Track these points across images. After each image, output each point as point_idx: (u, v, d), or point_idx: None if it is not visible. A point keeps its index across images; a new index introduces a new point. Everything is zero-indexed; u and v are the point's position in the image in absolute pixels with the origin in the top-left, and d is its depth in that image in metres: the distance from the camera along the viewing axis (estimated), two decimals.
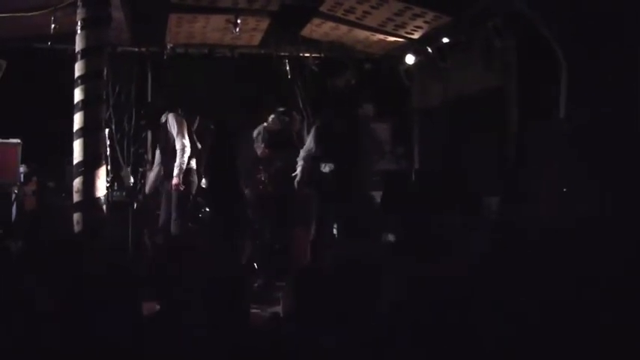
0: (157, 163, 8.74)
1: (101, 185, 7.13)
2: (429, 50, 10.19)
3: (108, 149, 7.67)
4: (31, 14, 8.48)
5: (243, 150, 9.42)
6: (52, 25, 8.58)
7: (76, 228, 6.99)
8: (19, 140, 9.04)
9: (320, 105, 10.12)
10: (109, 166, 7.70)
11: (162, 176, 8.57)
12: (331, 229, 8.30)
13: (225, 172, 9.40)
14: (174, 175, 8.23)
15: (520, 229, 6.42)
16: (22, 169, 9.22)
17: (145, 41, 10.52)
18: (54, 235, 6.96)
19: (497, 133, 9.09)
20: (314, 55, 10.95)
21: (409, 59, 10.81)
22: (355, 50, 11.06)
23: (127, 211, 8.71)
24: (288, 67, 10.92)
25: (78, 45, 7.12)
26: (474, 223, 7.83)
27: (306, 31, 10.26)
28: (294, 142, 8.83)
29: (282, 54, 10.93)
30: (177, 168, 8.23)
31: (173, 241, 7.79)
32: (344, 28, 10.04)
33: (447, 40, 9.79)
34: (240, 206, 9.12)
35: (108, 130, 7.78)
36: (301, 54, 10.93)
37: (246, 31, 9.95)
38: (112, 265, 5.57)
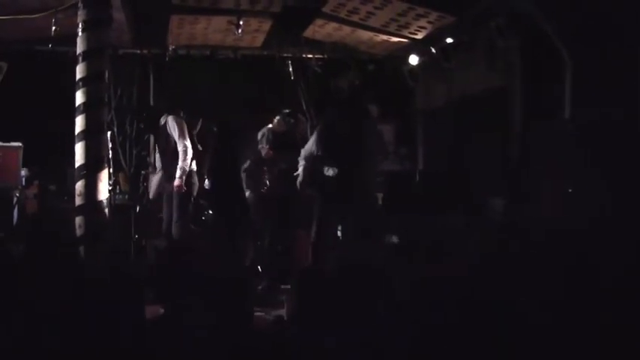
0: (160, 167, 8.69)
1: (103, 188, 7.09)
2: (432, 50, 10.15)
3: (110, 152, 7.65)
4: (32, 16, 8.45)
5: (245, 151, 9.38)
6: (53, 28, 8.54)
7: (78, 231, 6.95)
8: (20, 143, 9.03)
9: (323, 106, 10.07)
10: (111, 169, 7.68)
11: (163, 179, 8.53)
12: (335, 230, 8.27)
13: (228, 173, 9.37)
14: (176, 177, 8.25)
15: (524, 229, 6.42)
16: (23, 172, 9.20)
17: (147, 43, 10.49)
18: (56, 239, 6.94)
19: (500, 133, 9.08)
20: (317, 57, 10.90)
21: (413, 60, 10.78)
22: (358, 51, 11.01)
23: (130, 214, 8.69)
24: (291, 69, 10.88)
25: (79, 47, 7.08)
26: (477, 223, 7.82)
27: (309, 32, 10.22)
28: (298, 144, 8.78)
29: (285, 55, 10.90)
30: (180, 170, 8.24)
31: (176, 244, 7.78)
32: (347, 28, 10.00)
33: (450, 41, 9.75)
34: (243, 208, 9.09)
35: (110, 133, 7.77)
36: (304, 55, 10.89)
37: (249, 33, 9.91)
38: (114, 269, 5.55)
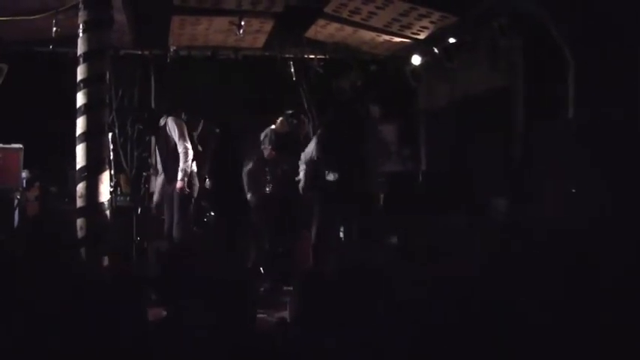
0: (160, 169, 8.67)
1: (104, 190, 7.07)
2: (435, 51, 10.13)
3: (111, 153, 7.63)
4: (33, 17, 8.44)
5: (247, 153, 9.37)
6: (54, 29, 8.54)
7: (80, 233, 6.93)
8: (21, 145, 9.00)
9: (325, 107, 10.04)
10: (112, 171, 7.66)
11: (164, 181, 8.51)
12: (337, 232, 8.26)
13: (229, 174, 9.37)
14: (178, 180, 8.23)
15: (527, 229, 6.40)
16: (24, 174, 9.18)
17: (148, 44, 10.45)
18: (57, 241, 6.91)
19: (503, 133, 9.06)
20: (319, 57, 10.87)
21: (415, 60, 10.75)
22: (361, 51, 10.98)
23: (131, 216, 8.67)
24: (292, 69, 10.85)
25: (80, 48, 7.06)
26: (480, 224, 7.81)
27: (311, 33, 10.19)
28: (301, 145, 8.76)
29: (287, 56, 10.87)
30: (182, 172, 8.22)
31: (178, 246, 7.76)
32: (349, 29, 9.97)
33: (453, 41, 9.72)
34: (244, 209, 9.08)
35: (111, 134, 7.75)
36: (306, 56, 10.85)
37: (250, 33, 9.88)
38: (115, 271, 5.52)
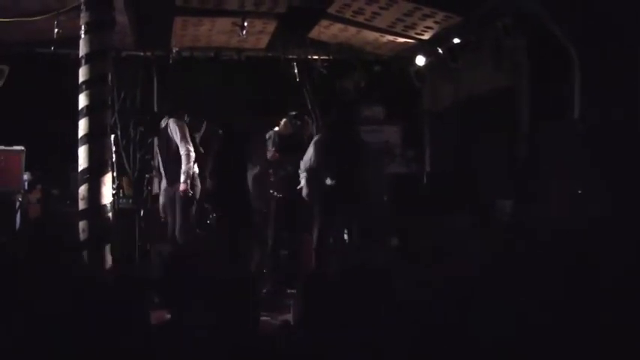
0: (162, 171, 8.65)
1: (107, 192, 7.03)
2: (439, 51, 10.09)
3: (113, 155, 7.61)
4: (34, 19, 8.43)
5: (252, 155, 9.36)
6: (55, 30, 8.55)
7: (82, 236, 6.90)
8: (22, 147, 8.97)
9: (329, 108, 10.01)
10: (114, 173, 7.63)
11: (165, 182, 8.49)
12: (342, 234, 8.24)
13: (232, 175, 9.36)
14: (181, 181, 8.21)
15: (531, 230, 6.40)
16: (26, 176, 9.15)
17: (150, 45, 10.43)
18: (59, 244, 6.89)
19: (508, 133, 9.05)
20: (322, 58, 10.86)
21: (419, 60, 10.72)
22: (364, 52, 10.95)
23: (134, 219, 8.65)
24: (296, 70, 10.81)
25: (82, 50, 7.03)
26: (485, 224, 7.81)
27: (314, 33, 10.18)
28: (305, 146, 8.74)
29: (290, 57, 10.84)
30: (184, 174, 8.21)
31: (181, 249, 7.74)
32: (353, 29, 9.94)
33: (457, 41, 9.70)
34: (247, 210, 9.07)
35: (113, 136, 7.73)
36: (309, 56, 10.83)
37: (253, 34, 9.86)
38: (118, 274, 5.50)
